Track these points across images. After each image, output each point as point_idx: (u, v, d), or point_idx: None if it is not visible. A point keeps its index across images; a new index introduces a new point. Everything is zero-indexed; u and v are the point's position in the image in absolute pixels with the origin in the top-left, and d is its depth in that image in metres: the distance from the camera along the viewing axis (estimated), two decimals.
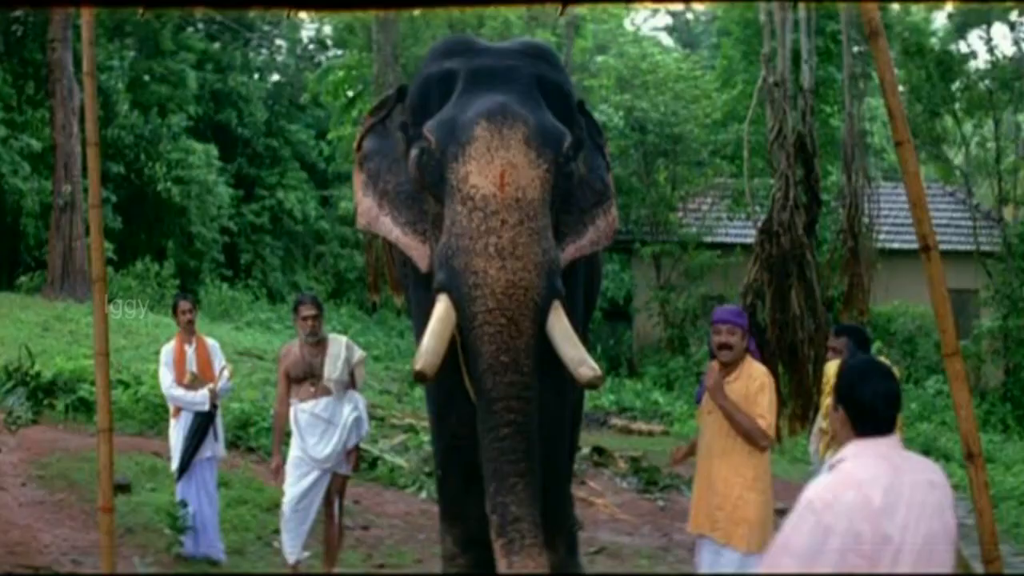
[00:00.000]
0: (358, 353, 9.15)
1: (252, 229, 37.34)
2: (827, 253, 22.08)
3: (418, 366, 6.29)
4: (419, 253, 6.97)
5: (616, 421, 19.02)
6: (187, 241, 34.45)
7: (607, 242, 7.53)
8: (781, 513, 4.69)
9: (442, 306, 6.37)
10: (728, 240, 28.33)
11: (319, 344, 8.94)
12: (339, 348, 8.98)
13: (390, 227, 7.16)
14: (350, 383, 9.06)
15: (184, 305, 9.99)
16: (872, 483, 3.78)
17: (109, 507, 6.97)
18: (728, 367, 7.01)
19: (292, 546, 8.90)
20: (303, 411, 8.89)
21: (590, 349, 7.90)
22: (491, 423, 6.23)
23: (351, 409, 9.00)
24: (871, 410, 3.97)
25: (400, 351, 26.89)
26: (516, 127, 6.50)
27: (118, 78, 32.02)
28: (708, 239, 28.61)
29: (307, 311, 8.95)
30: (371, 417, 16.47)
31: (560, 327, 6.36)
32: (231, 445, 12.97)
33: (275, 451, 9.23)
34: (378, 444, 14.63)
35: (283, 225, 38.14)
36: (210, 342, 10.03)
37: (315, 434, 8.84)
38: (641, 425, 18.70)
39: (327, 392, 8.90)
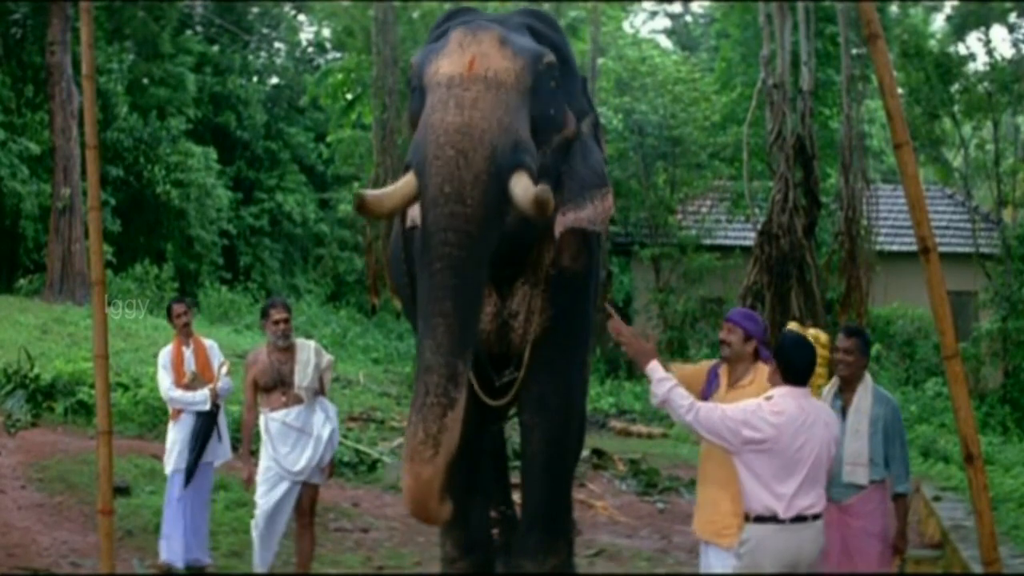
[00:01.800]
0: (327, 358, 8.89)
1: (251, 232, 37.34)
2: (826, 255, 22.12)
3: (365, 191, 6.36)
4: None
5: (615, 423, 18.98)
6: (186, 244, 34.42)
7: (602, 226, 7.49)
8: None
9: (407, 177, 6.32)
10: (727, 242, 28.36)
11: (288, 350, 8.69)
12: (308, 354, 8.72)
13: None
14: (319, 389, 8.83)
15: (179, 308, 9.75)
16: (785, 412, 5.87)
17: (108, 510, 6.97)
18: (731, 365, 6.86)
19: (263, 559, 8.71)
20: (274, 420, 8.63)
21: (591, 350, 7.94)
22: (426, 258, 6.12)
23: (324, 419, 8.75)
24: (798, 370, 6.03)
25: (400, 354, 26.87)
26: (490, 31, 6.56)
27: (117, 81, 32.02)
28: (707, 241, 28.62)
29: (278, 314, 8.69)
30: (370, 420, 16.64)
31: (520, 181, 6.17)
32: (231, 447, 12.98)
33: (245, 460, 9.04)
34: (377, 446, 14.63)
35: (282, 228, 38.13)
36: (208, 342, 9.81)
37: (287, 443, 8.60)
38: (640, 428, 18.67)
39: (298, 400, 8.64)
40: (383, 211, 6.54)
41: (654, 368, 6.11)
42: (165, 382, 9.47)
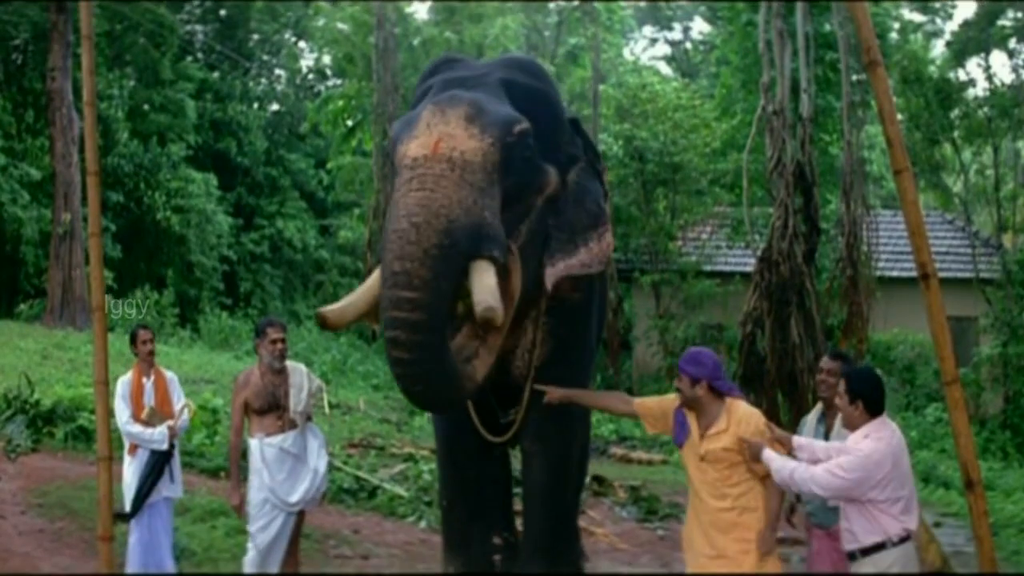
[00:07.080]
0: (316, 382, 8.62)
1: (251, 258, 37.39)
2: (826, 281, 22.09)
3: (325, 309, 6.53)
4: None
5: (616, 450, 18.92)
6: (187, 270, 34.47)
7: (600, 267, 7.40)
8: None
9: (372, 278, 6.44)
10: (727, 269, 28.32)
11: (281, 372, 8.45)
12: (301, 378, 8.47)
13: None
14: (310, 414, 8.62)
15: (144, 335, 9.35)
16: (885, 438, 6.06)
17: (108, 536, 6.97)
18: (695, 411, 6.67)
19: None
20: (270, 445, 8.36)
21: (591, 378, 7.93)
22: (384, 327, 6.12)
23: (318, 448, 8.54)
24: (878, 400, 6.16)
25: None
26: (459, 107, 6.53)
27: (118, 107, 32.13)
28: (707, 268, 28.58)
29: (276, 334, 8.46)
30: (371, 446, 16.59)
31: (482, 278, 6.20)
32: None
33: (234, 486, 8.68)
34: (377, 473, 14.58)
35: (282, 254, 38.19)
36: (169, 375, 9.42)
37: (283, 470, 8.35)
38: (641, 454, 18.60)
39: (293, 425, 8.41)
40: (345, 322, 6.69)
41: (770, 457, 6.39)
42: (124, 415, 9.02)
